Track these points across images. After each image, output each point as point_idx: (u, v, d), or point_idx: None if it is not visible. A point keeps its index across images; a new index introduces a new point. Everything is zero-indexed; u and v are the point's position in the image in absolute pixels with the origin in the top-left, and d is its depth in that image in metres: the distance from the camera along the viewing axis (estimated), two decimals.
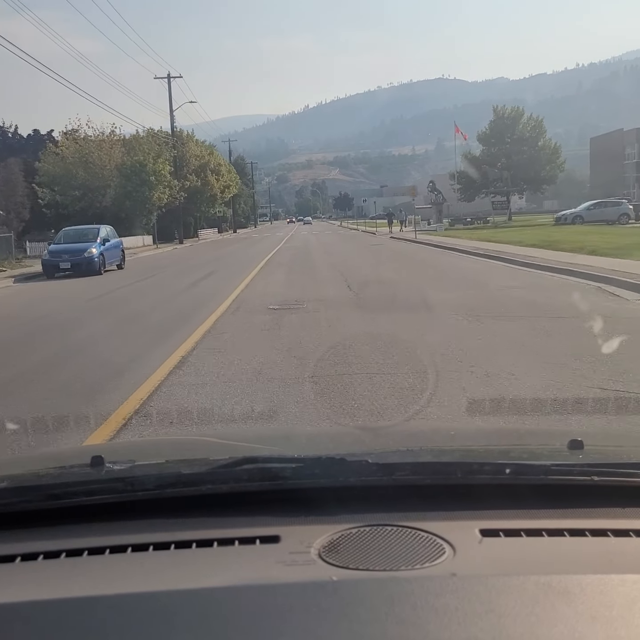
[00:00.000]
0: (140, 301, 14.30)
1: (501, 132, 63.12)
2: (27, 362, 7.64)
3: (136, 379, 6.27)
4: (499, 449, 1.83)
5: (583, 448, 1.52)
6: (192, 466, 1.53)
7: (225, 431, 4.65)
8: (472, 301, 10.66)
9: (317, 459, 1.44)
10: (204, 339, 8.40)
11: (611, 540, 1.23)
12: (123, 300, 14.64)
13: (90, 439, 4.52)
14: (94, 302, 14.35)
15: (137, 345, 8.29)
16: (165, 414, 5.09)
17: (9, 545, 1.26)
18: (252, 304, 11.73)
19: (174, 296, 14.26)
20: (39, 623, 0.99)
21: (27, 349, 8.69)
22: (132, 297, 15.20)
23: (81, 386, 6.26)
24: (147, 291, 16.60)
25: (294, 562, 1.14)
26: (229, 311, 10.98)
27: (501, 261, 18.62)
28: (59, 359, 7.88)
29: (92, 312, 12.71)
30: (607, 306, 9.88)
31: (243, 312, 10.87)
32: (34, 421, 4.89)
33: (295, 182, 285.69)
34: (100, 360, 7.45)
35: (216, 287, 15.20)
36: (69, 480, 1.47)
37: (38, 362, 7.54)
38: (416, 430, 3.04)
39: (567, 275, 14.15)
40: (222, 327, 9.30)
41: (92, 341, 9.02)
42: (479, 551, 1.19)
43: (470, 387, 5.47)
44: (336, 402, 5.19)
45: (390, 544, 1.19)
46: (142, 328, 9.96)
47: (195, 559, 1.21)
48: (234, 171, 73.82)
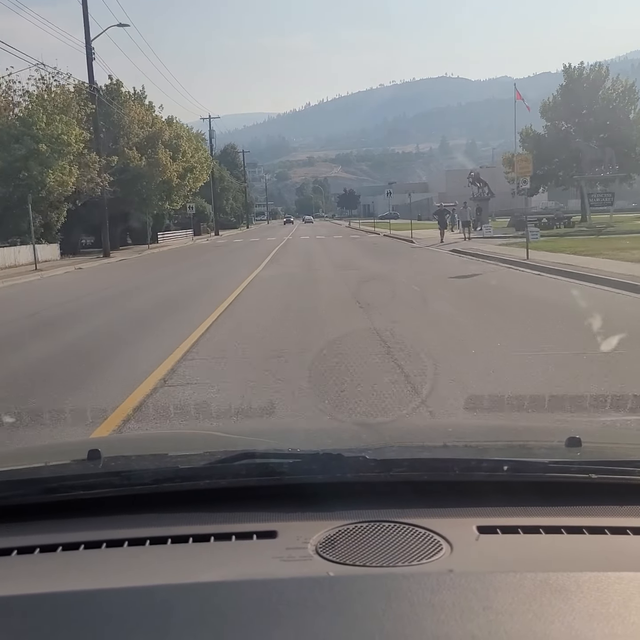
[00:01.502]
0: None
1: (577, 99, 43.90)
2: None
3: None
4: (497, 446, 1.81)
5: (581, 446, 1.51)
6: (189, 461, 1.53)
7: (224, 426, 4.54)
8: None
9: (314, 454, 1.42)
10: None
11: (608, 537, 1.22)
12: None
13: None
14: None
15: None
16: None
17: (6, 538, 1.25)
18: None
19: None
20: (35, 616, 0.99)
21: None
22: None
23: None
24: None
25: (291, 557, 1.14)
26: None
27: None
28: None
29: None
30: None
31: None
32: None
33: (296, 180, 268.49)
34: None
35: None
36: (65, 474, 1.47)
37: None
38: (414, 427, 3.01)
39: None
40: None
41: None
42: (476, 548, 1.19)
43: None
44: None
45: (387, 540, 1.19)
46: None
47: (192, 553, 1.20)
48: (203, 149, 53.70)
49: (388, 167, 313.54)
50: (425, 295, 11.80)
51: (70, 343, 8.82)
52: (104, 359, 7.60)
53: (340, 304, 10.99)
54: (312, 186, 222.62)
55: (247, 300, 12.38)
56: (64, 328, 10.09)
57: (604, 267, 14.57)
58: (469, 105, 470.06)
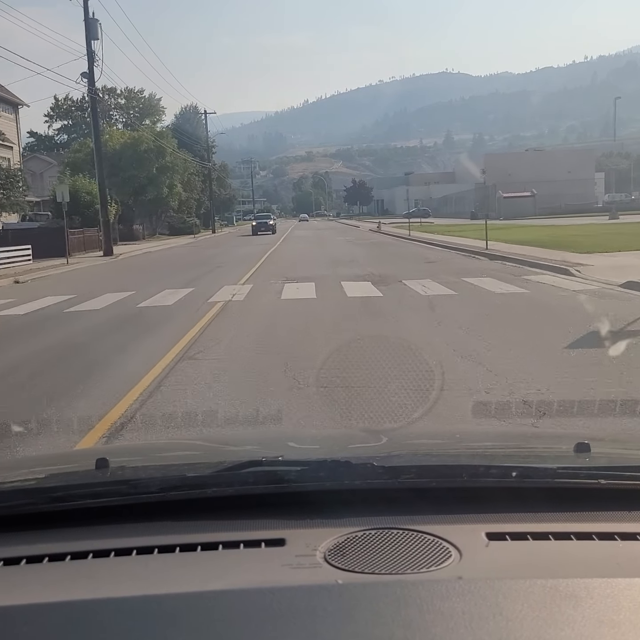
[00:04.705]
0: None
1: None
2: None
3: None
4: (505, 452, 1.79)
5: (590, 451, 1.49)
6: (196, 469, 1.52)
7: (231, 433, 4.52)
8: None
9: (322, 461, 1.40)
10: None
11: (618, 543, 1.20)
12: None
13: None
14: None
15: None
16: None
17: (15, 547, 1.24)
18: None
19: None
20: (43, 625, 0.99)
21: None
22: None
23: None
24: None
25: (300, 565, 1.13)
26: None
27: None
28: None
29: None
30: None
31: None
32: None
33: (293, 176, 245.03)
34: None
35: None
36: (73, 483, 1.47)
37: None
38: (421, 433, 2.98)
39: None
40: None
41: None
42: (485, 554, 1.18)
43: None
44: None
45: (396, 547, 1.18)
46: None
47: (200, 562, 1.19)
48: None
49: (392, 162, 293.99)
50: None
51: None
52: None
53: None
54: (312, 181, 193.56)
55: None
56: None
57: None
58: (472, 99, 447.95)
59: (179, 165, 50.37)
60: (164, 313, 11.05)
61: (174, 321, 10.09)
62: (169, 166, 48.40)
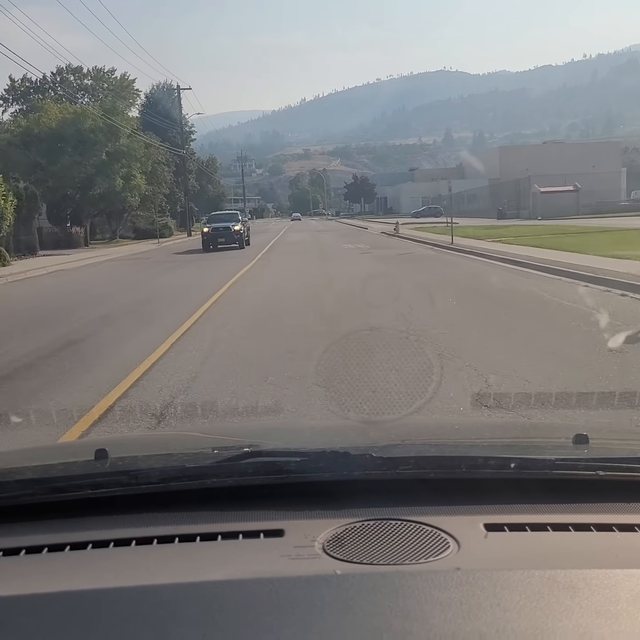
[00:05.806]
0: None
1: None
2: None
3: None
4: (504, 443, 1.78)
5: (588, 442, 1.49)
6: (196, 460, 1.51)
7: (230, 424, 4.45)
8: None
9: (321, 452, 1.40)
10: None
11: (616, 535, 1.21)
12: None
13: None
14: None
15: None
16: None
17: (14, 538, 1.24)
18: None
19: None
20: (43, 616, 0.99)
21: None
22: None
23: None
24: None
25: (299, 556, 1.13)
26: None
27: None
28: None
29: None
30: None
31: None
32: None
33: (290, 174, 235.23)
34: None
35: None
36: (73, 473, 1.46)
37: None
38: (420, 424, 2.99)
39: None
40: None
41: None
42: (483, 545, 1.18)
43: None
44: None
45: (395, 538, 1.18)
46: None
47: (199, 552, 1.20)
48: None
49: (391, 160, 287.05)
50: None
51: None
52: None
53: None
54: (309, 178, 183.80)
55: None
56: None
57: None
58: (471, 97, 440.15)
59: (137, 150, 38.78)
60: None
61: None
62: (124, 151, 37.06)
